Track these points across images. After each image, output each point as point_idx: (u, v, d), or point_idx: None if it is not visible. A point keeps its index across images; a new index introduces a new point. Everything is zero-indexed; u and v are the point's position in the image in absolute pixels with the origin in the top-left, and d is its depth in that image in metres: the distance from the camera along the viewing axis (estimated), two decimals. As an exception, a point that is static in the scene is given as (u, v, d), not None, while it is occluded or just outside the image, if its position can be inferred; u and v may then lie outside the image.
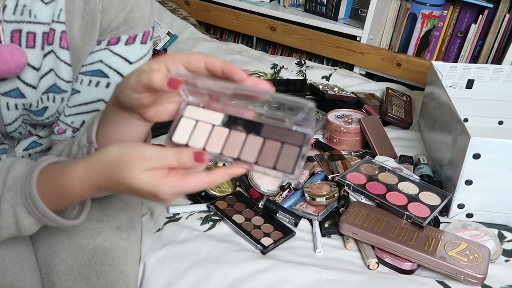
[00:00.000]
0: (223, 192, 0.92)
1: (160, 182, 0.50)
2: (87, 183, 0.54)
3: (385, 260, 0.78)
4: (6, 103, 0.66)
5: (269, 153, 0.52)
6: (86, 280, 0.69)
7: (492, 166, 0.82)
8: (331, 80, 1.46)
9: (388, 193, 0.87)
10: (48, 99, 0.69)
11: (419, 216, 0.81)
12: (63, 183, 0.55)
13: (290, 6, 1.73)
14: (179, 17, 1.79)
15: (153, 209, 0.88)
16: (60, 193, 0.56)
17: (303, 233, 0.85)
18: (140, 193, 0.51)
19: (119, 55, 0.70)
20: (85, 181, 0.54)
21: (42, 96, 0.68)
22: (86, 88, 0.71)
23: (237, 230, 0.83)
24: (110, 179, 0.52)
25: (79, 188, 0.55)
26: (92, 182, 0.54)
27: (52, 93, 0.69)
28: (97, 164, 0.53)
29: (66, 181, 0.55)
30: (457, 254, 0.75)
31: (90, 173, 0.54)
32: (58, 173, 0.56)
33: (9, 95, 0.65)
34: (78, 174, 0.54)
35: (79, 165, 0.54)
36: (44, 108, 0.70)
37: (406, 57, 1.50)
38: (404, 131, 1.21)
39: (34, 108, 0.69)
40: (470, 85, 1.18)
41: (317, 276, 0.74)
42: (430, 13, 1.43)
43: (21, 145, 0.78)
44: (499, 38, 1.39)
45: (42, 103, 0.69)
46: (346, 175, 0.91)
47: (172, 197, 0.51)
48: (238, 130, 0.54)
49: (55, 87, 0.68)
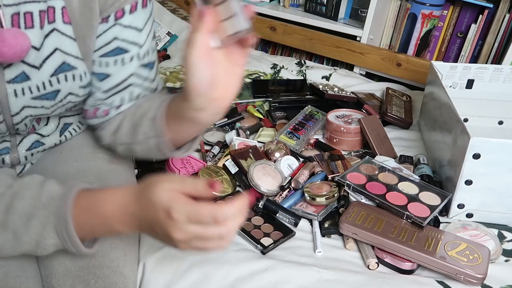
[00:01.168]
0: (223, 192, 0.92)
1: (176, 197, 0.55)
2: (122, 208, 0.59)
3: (385, 260, 0.78)
4: (14, 90, 0.65)
5: None
6: (85, 283, 0.68)
7: (492, 166, 0.82)
8: (331, 80, 1.46)
9: (388, 193, 0.87)
10: (59, 81, 0.68)
11: (419, 216, 0.81)
12: (98, 212, 0.60)
13: (290, 6, 1.73)
14: (179, 17, 1.79)
15: (153, 209, 0.88)
16: (93, 222, 0.61)
17: (303, 233, 0.85)
18: (156, 213, 0.56)
19: (129, 26, 0.71)
20: (120, 207, 0.60)
21: (51, 79, 0.67)
22: (114, 69, 0.73)
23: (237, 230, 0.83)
24: (140, 201, 0.58)
25: (112, 214, 0.60)
26: (126, 208, 0.59)
27: (62, 73, 0.68)
28: (132, 190, 0.60)
29: (101, 209, 0.60)
30: (457, 254, 0.75)
31: (121, 198, 0.60)
32: (94, 202, 0.61)
33: (15, 81, 0.65)
34: (115, 198, 0.60)
35: (116, 192, 0.61)
36: (56, 91, 0.69)
37: (406, 57, 1.50)
38: (404, 131, 1.21)
39: (43, 92, 0.68)
40: (470, 85, 1.18)
41: (317, 276, 0.74)
42: (430, 13, 1.43)
43: (24, 144, 0.78)
44: (499, 38, 1.39)
45: (52, 86, 0.68)
46: (346, 175, 0.91)
47: (184, 220, 0.54)
48: None
49: (65, 66, 0.68)
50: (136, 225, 0.60)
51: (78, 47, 0.69)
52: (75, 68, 0.69)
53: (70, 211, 0.59)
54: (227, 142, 1.08)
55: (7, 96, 0.65)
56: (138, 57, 0.74)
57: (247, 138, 1.11)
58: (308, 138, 1.11)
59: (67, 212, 0.59)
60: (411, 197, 0.86)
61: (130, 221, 0.59)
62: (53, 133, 0.81)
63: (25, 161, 0.80)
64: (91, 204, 0.61)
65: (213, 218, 0.55)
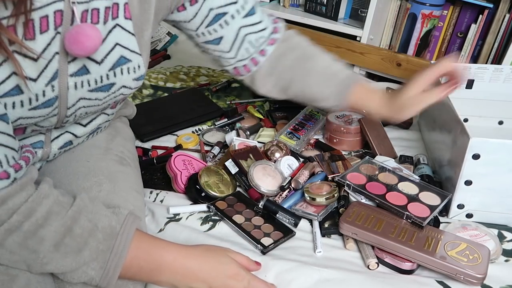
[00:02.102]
0: (223, 193, 0.92)
1: (242, 263, 0.70)
2: (182, 259, 0.67)
3: (385, 260, 0.78)
4: (75, 83, 0.67)
5: None
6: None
7: (491, 166, 0.82)
8: (331, 80, 1.46)
9: (388, 193, 0.87)
10: (115, 75, 0.71)
11: (419, 216, 0.81)
12: (155, 259, 0.66)
13: (290, 6, 1.73)
14: (179, 17, 1.78)
15: (154, 209, 0.88)
16: (143, 266, 0.65)
17: (303, 233, 0.85)
18: (225, 270, 0.68)
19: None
20: (181, 257, 0.67)
21: (108, 73, 0.70)
22: (222, 31, 0.85)
23: (237, 230, 0.83)
24: (207, 256, 0.68)
25: (169, 263, 0.66)
26: (186, 260, 0.67)
27: (119, 66, 0.71)
28: (195, 247, 0.70)
29: (159, 257, 0.66)
30: (456, 254, 0.75)
31: (185, 251, 0.68)
32: (154, 249, 0.66)
33: (77, 74, 0.67)
34: (176, 249, 0.68)
35: (177, 245, 0.69)
36: (110, 84, 0.71)
37: (406, 57, 1.50)
38: (404, 131, 1.21)
39: (99, 84, 0.70)
40: (470, 85, 1.18)
41: (317, 276, 0.74)
42: (430, 13, 1.43)
43: (58, 142, 0.79)
44: (499, 38, 1.39)
45: (108, 80, 0.70)
46: (346, 175, 0.91)
47: (244, 284, 0.68)
48: None
49: (122, 59, 0.71)
50: (184, 278, 0.66)
51: (136, 42, 0.72)
52: (130, 61, 0.72)
53: (127, 251, 0.64)
54: (227, 143, 1.08)
55: (67, 89, 0.67)
56: (237, 12, 0.85)
57: (247, 138, 1.11)
58: (308, 138, 1.11)
59: (124, 251, 0.64)
60: (411, 197, 0.86)
61: (182, 274, 0.66)
62: (84, 136, 0.84)
63: (53, 157, 0.82)
64: (150, 248, 0.66)
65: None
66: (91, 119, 0.82)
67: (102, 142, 0.88)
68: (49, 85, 0.64)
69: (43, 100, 0.65)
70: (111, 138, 0.90)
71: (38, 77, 0.63)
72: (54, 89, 0.65)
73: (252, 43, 0.89)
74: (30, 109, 0.64)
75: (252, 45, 0.89)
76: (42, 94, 0.64)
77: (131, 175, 0.85)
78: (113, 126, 0.94)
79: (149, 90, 1.37)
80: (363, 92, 0.91)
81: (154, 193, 0.93)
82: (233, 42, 0.87)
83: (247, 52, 0.89)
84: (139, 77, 0.75)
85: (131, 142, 0.97)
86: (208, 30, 0.83)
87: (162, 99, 1.32)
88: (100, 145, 0.87)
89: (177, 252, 0.67)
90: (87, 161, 0.82)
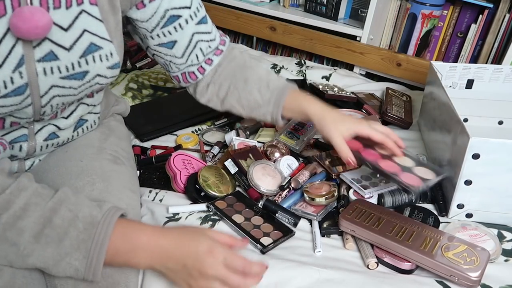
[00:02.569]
0: (222, 192, 0.92)
1: (219, 240, 0.67)
2: (156, 240, 0.65)
3: (384, 260, 0.78)
4: (43, 68, 0.67)
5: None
6: (87, 283, 0.68)
7: (491, 166, 0.82)
8: (331, 80, 1.46)
9: (382, 161, 0.87)
10: (88, 62, 0.71)
11: (410, 184, 0.80)
12: (131, 241, 0.65)
13: (290, 6, 1.73)
14: (179, 17, 1.79)
15: (153, 209, 0.88)
16: (120, 249, 0.64)
17: (303, 233, 0.85)
18: (198, 247, 0.65)
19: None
20: (156, 239, 0.65)
21: (79, 60, 0.70)
22: (177, 35, 0.85)
23: (237, 230, 0.83)
24: (180, 236, 0.66)
25: (143, 244, 0.65)
26: (160, 240, 0.65)
27: (90, 54, 0.71)
28: (172, 228, 0.69)
29: (135, 239, 0.65)
30: (454, 255, 0.75)
31: (160, 232, 0.67)
32: (131, 231, 0.66)
33: (44, 59, 0.67)
34: (152, 230, 0.67)
35: (155, 226, 0.69)
36: (84, 72, 0.72)
37: (406, 57, 1.50)
38: (404, 131, 1.21)
39: (72, 72, 0.70)
40: (470, 85, 1.18)
41: (317, 275, 0.74)
42: (430, 13, 1.43)
43: (42, 133, 0.80)
44: (499, 38, 1.39)
45: (80, 67, 0.71)
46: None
47: (221, 260, 0.65)
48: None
49: (92, 46, 0.71)
50: (160, 259, 0.65)
51: (105, 28, 0.72)
52: (101, 48, 0.72)
53: (108, 239, 0.63)
54: (226, 142, 1.08)
55: (37, 75, 0.67)
56: (191, 17, 0.85)
57: (247, 138, 1.11)
58: (308, 138, 1.11)
59: (106, 240, 0.63)
60: (405, 168, 0.86)
61: (157, 254, 0.65)
62: (68, 128, 0.84)
63: (40, 151, 0.82)
64: (127, 232, 0.65)
65: (243, 268, 0.65)
66: (71, 111, 0.82)
67: (95, 142, 0.88)
68: (16, 71, 0.65)
69: (12, 88, 0.65)
70: (104, 137, 0.90)
71: (2, 63, 0.63)
72: (22, 76, 0.66)
73: (202, 51, 0.90)
74: (0, 97, 0.65)
75: (202, 53, 0.90)
76: (11, 81, 0.65)
77: (125, 174, 0.85)
78: (106, 125, 0.94)
79: (149, 90, 1.37)
80: (301, 97, 0.92)
81: (154, 192, 0.93)
82: (186, 47, 0.87)
83: (197, 59, 0.90)
84: (114, 65, 0.75)
85: (126, 140, 0.97)
86: (163, 32, 0.84)
87: (162, 99, 1.32)
88: (94, 145, 0.87)
89: (151, 233, 0.66)
90: (80, 161, 0.82)
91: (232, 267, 0.65)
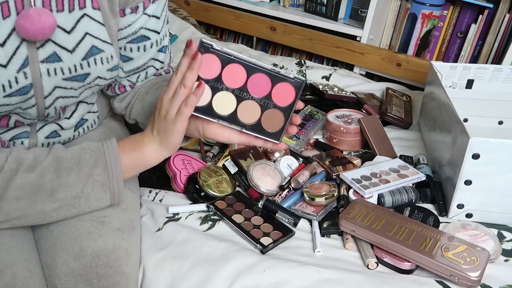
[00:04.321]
0: (222, 192, 0.92)
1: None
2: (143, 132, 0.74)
3: (384, 260, 0.78)
4: (47, 69, 0.69)
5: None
6: (87, 282, 0.69)
7: (491, 166, 0.82)
8: (331, 80, 1.46)
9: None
10: (89, 65, 0.73)
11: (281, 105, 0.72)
12: (133, 141, 0.73)
13: (290, 6, 1.73)
14: (179, 17, 1.79)
15: (153, 209, 0.88)
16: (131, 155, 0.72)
17: (303, 233, 0.85)
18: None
19: (153, 15, 0.80)
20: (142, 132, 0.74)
21: (82, 62, 0.72)
22: (136, 54, 0.83)
23: (237, 230, 0.83)
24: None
25: (139, 137, 0.73)
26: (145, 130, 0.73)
27: (92, 56, 0.72)
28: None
29: (135, 139, 0.74)
30: (453, 255, 0.75)
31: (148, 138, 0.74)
32: (129, 139, 0.74)
33: (48, 60, 0.68)
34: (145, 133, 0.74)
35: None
36: (85, 74, 0.73)
37: (406, 57, 1.50)
38: (404, 131, 1.21)
39: (74, 74, 0.72)
40: (470, 85, 1.18)
41: (317, 275, 0.74)
42: (430, 13, 1.43)
43: (44, 131, 0.81)
44: (499, 38, 1.39)
45: (82, 69, 0.72)
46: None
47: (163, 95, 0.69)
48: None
49: (94, 49, 0.72)
50: (150, 130, 0.73)
51: (106, 32, 0.73)
52: (102, 51, 0.74)
53: (118, 150, 0.71)
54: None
55: (40, 76, 0.68)
56: (156, 43, 0.84)
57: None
58: (308, 138, 1.11)
59: (116, 151, 0.70)
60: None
61: (147, 131, 0.73)
62: (70, 128, 0.85)
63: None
64: (125, 140, 0.74)
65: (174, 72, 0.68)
66: (72, 111, 0.83)
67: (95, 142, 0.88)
68: (20, 71, 0.66)
69: (17, 87, 0.67)
70: (104, 137, 0.90)
71: (7, 64, 0.65)
72: (27, 76, 0.67)
73: (147, 75, 0.87)
74: (5, 96, 0.66)
75: (146, 76, 0.87)
76: (15, 81, 0.66)
77: None
78: (106, 125, 0.95)
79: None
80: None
81: (153, 192, 0.93)
82: (137, 68, 0.85)
83: (136, 79, 0.87)
84: (113, 67, 0.77)
85: None
86: (125, 46, 0.81)
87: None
88: None
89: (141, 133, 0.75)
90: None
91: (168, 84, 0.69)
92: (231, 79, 0.70)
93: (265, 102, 0.72)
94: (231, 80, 0.70)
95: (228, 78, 0.70)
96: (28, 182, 0.65)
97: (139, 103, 0.88)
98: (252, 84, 0.71)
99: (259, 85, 0.71)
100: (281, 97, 0.72)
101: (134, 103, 0.89)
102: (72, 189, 0.68)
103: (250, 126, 0.72)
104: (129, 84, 0.87)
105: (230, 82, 0.70)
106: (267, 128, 0.73)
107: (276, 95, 0.72)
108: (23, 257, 0.70)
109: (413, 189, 0.91)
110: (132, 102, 0.89)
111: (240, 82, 0.71)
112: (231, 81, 0.70)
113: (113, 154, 0.70)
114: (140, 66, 0.85)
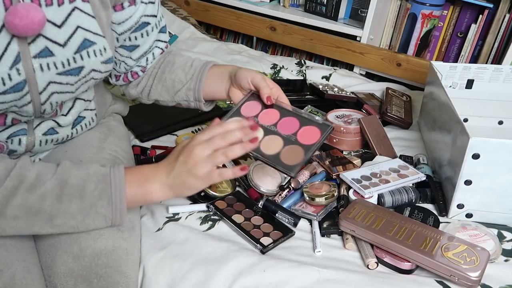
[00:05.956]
0: (222, 192, 0.92)
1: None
2: (155, 165, 0.72)
3: (384, 259, 0.78)
4: (40, 64, 0.69)
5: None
6: (87, 282, 0.69)
7: (491, 166, 0.82)
8: (331, 80, 1.46)
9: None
10: (82, 58, 0.73)
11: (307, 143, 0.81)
12: (140, 174, 0.71)
13: (290, 6, 1.73)
14: (179, 17, 1.79)
15: (153, 209, 0.88)
16: (134, 185, 0.70)
17: (303, 233, 0.85)
18: (179, 147, 0.72)
19: (149, 2, 0.83)
20: (154, 165, 0.73)
21: (74, 56, 0.72)
22: (141, 40, 0.87)
23: (237, 230, 0.83)
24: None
25: (148, 172, 0.72)
26: (158, 164, 0.72)
27: (85, 49, 0.72)
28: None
29: (142, 172, 0.72)
30: (453, 255, 0.75)
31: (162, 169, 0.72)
32: (137, 169, 0.72)
33: (40, 55, 0.68)
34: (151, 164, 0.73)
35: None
36: (79, 67, 0.73)
37: (406, 57, 1.50)
38: (404, 131, 1.21)
39: (67, 68, 0.72)
40: (470, 85, 1.18)
41: (317, 275, 0.74)
42: (430, 13, 1.43)
43: (41, 128, 0.81)
44: (499, 38, 1.39)
45: (75, 63, 0.72)
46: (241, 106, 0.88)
47: (199, 135, 0.71)
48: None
49: (86, 42, 0.73)
50: (165, 170, 0.71)
51: (97, 24, 0.73)
52: (94, 44, 0.74)
53: (125, 182, 0.69)
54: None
55: (34, 72, 0.68)
56: (156, 26, 0.88)
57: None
58: (308, 138, 1.11)
59: (122, 183, 0.69)
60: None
61: (161, 170, 0.71)
62: (68, 125, 0.85)
63: (39, 147, 0.82)
64: (134, 171, 0.72)
65: (216, 123, 0.73)
66: (69, 108, 0.83)
67: (95, 141, 0.89)
68: (13, 68, 0.66)
69: (11, 84, 0.66)
70: (104, 137, 0.91)
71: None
72: (20, 73, 0.67)
73: (154, 55, 0.92)
74: (0, 94, 0.66)
75: (153, 57, 0.92)
76: (8, 78, 0.66)
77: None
78: (106, 124, 0.95)
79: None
80: (221, 66, 0.93)
81: (154, 192, 0.93)
82: (144, 53, 0.90)
83: (146, 62, 0.92)
84: (107, 60, 0.77)
85: (125, 140, 0.97)
86: (129, 36, 0.85)
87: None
88: (93, 144, 0.88)
89: (151, 165, 0.73)
90: (79, 161, 0.83)
91: (209, 128, 0.72)
92: (266, 118, 0.86)
93: (289, 138, 0.82)
94: (266, 119, 0.85)
95: (263, 117, 0.86)
96: (28, 203, 0.64)
97: (159, 83, 0.93)
98: (282, 124, 0.84)
99: (288, 124, 0.84)
100: (306, 137, 0.82)
101: (152, 85, 0.94)
102: (72, 217, 0.67)
103: (270, 156, 0.81)
104: (140, 69, 0.92)
105: (265, 120, 0.85)
106: (285, 161, 0.79)
107: (302, 135, 0.82)
108: (22, 257, 0.70)
109: (413, 189, 0.91)
110: (149, 84, 0.94)
111: (273, 121, 0.85)
112: (266, 120, 0.85)
113: (119, 187, 0.69)
114: (146, 50, 0.89)
